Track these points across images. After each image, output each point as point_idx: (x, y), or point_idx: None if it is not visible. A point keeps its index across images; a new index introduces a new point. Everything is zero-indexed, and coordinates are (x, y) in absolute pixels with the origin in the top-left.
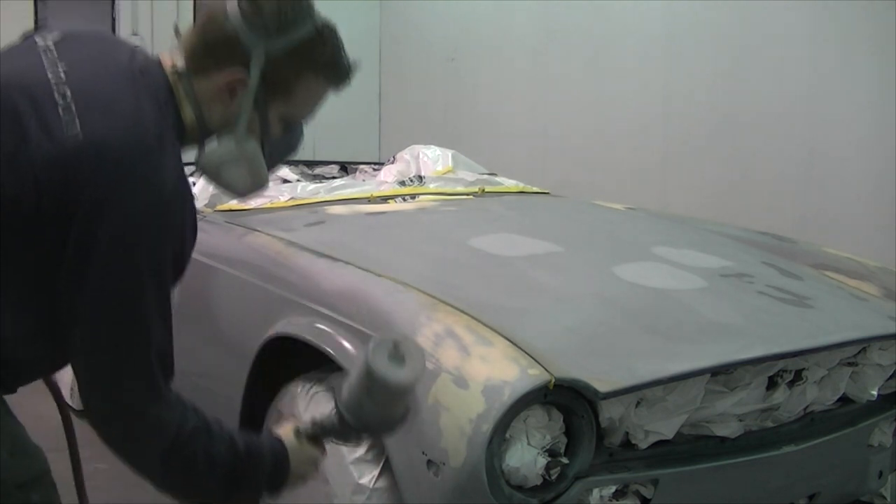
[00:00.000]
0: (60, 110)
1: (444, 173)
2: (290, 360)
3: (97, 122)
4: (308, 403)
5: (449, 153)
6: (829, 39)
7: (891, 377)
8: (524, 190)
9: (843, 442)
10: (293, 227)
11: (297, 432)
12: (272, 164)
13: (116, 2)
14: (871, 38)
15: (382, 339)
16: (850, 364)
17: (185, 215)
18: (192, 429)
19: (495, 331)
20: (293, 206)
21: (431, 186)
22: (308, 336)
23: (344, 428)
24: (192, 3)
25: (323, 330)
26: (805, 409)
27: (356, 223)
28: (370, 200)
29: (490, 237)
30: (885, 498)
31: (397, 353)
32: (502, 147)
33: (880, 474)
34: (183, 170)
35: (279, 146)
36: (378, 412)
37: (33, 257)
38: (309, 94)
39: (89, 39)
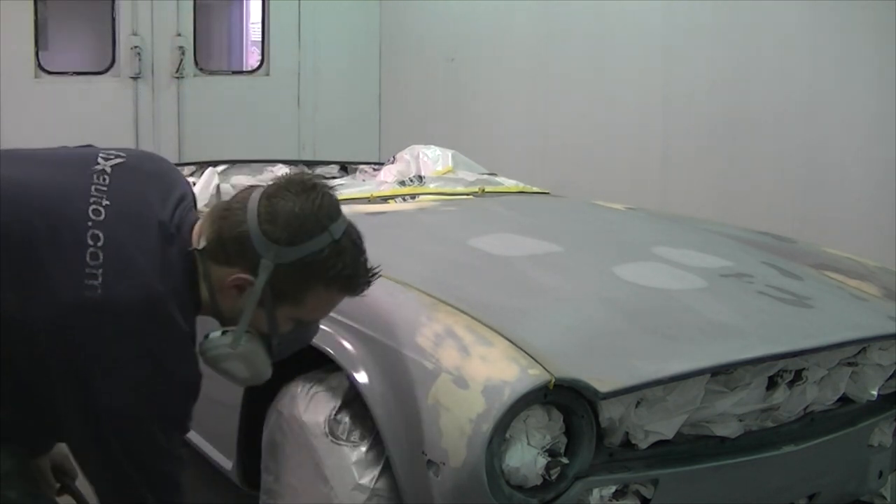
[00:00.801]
0: (88, 256)
1: (444, 173)
2: (290, 360)
3: (118, 281)
4: (308, 404)
5: (449, 153)
6: (829, 40)
7: (891, 377)
8: (524, 190)
9: (843, 442)
10: None
11: None
12: (282, 355)
13: (116, 2)
14: (871, 39)
15: None
16: (850, 364)
17: (188, 373)
18: None
19: (495, 331)
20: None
21: (431, 186)
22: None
23: None
24: (192, 3)
25: (323, 330)
26: (805, 409)
27: (356, 223)
28: (370, 200)
29: (490, 237)
30: (885, 498)
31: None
32: (502, 147)
33: (880, 474)
34: (189, 339)
35: (290, 340)
36: None
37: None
38: (319, 302)
39: (144, 174)
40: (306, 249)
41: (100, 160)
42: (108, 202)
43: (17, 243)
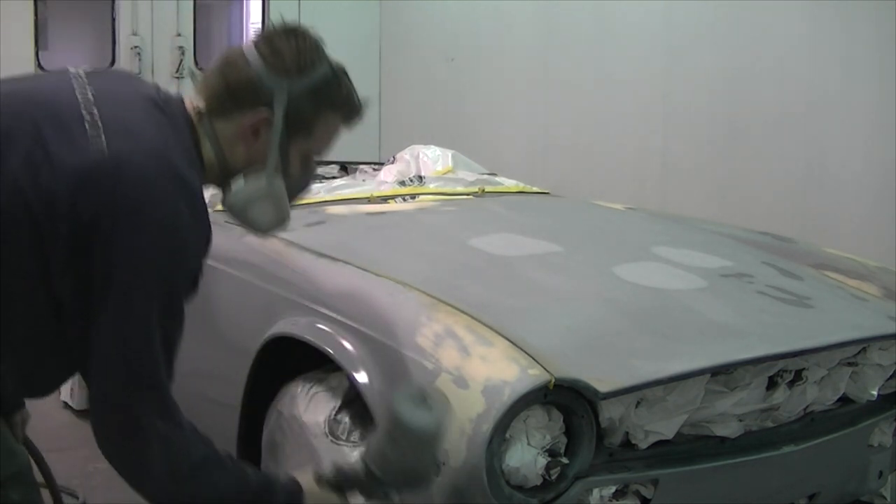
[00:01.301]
0: (87, 126)
1: (444, 173)
2: (290, 360)
3: (122, 141)
4: (308, 404)
5: (449, 153)
6: (830, 40)
7: (891, 377)
8: (524, 190)
9: (843, 442)
10: (293, 227)
11: (319, 478)
12: (290, 201)
13: (116, 2)
14: (871, 39)
15: (408, 385)
16: (850, 364)
17: (202, 235)
18: (201, 458)
19: (495, 331)
20: (293, 205)
21: (431, 186)
22: (308, 336)
23: (369, 479)
24: (192, 3)
25: (323, 330)
26: (805, 409)
27: (356, 223)
28: (370, 200)
29: (490, 237)
30: (885, 498)
31: (422, 400)
32: (502, 147)
33: (880, 474)
34: (202, 196)
35: (295, 183)
36: (403, 461)
37: (46, 277)
38: (327, 129)
39: (117, 74)
40: (314, 77)
41: (70, 69)
42: (91, 88)
43: (24, 131)
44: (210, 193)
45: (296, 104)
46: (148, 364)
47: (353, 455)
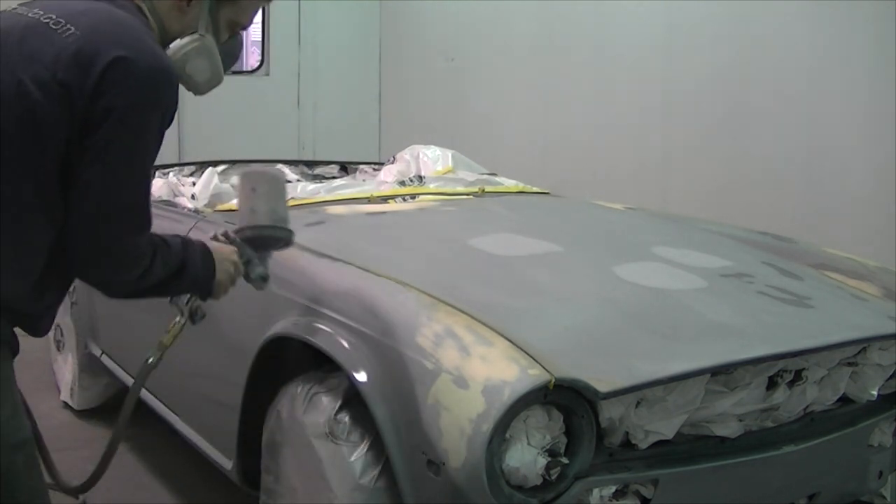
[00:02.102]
0: (52, 23)
1: (444, 173)
2: (290, 360)
3: (88, 23)
4: (308, 404)
5: (449, 153)
6: (829, 39)
7: (891, 377)
8: (524, 190)
9: (843, 442)
10: (293, 228)
11: (214, 237)
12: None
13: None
14: (871, 38)
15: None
16: (850, 364)
17: (175, 79)
18: (153, 245)
19: (495, 331)
20: (293, 206)
21: (431, 186)
22: (308, 336)
23: (244, 234)
24: None
25: (323, 330)
26: (805, 409)
27: (356, 223)
28: (370, 200)
29: (490, 237)
30: (885, 498)
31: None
32: (502, 147)
33: (880, 474)
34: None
35: (226, 52)
36: (264, 205)
37: (51, 163)
38: (251, 1)
39: None
40: None
41: (15, 7)
42: (37, 8)
43: (11, 57)
44: (209, 195)
45: None
46: (135, 192)
47: (352, 456)
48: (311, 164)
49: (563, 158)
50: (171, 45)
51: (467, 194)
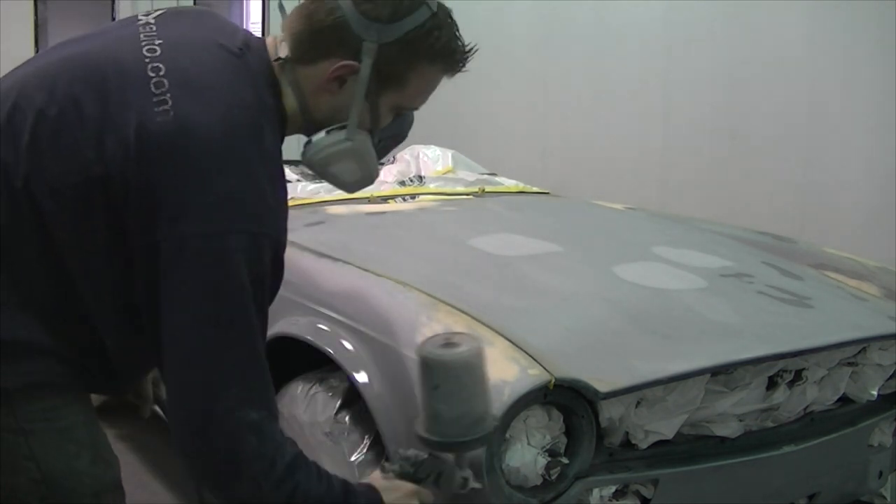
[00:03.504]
0: (153, 86)
1: (444, 173)
2: (290, 360)
3: (190, 102)
4: (308, 404)
5: (449, 153)
6: (829, 40)
7: (891, 377)
8: (524, 190)
9: (843, 442)
10: (293, 227)
11: (386, 473)
12: (381, 155)
13: (116, 2)
14: (871, 39)
15: (430, 338)
16: (850, 364)
17: (282, 199)
18: (291, 460)
19: (495, 331)
20: (293, 206)
21: (431, 186)
22: (308, 336)
23: (430, 448)
24: (191, 3)
25: (323, 330)
26: (805, 409)
27: (356, 223)
28: (370, 200)
29: (490, 237)
30: (885, 498)
31: (446, 342)
32: (502, 147)
33: (880, 474)
34: (280, 159)
35: (388, 135)
36: (452, 410)
37: (114, 254)
38: (423, 82)
39: (190, 15)
40: (409, 24)
41: (140, 17)
42: (160, 41)
43: (88, 98)
44: None
45: (386, 54)
46: (229, 354)
47: (352, 456)
48: None
49: (563, 158)
50: (314, 140)
51: (467, 194)
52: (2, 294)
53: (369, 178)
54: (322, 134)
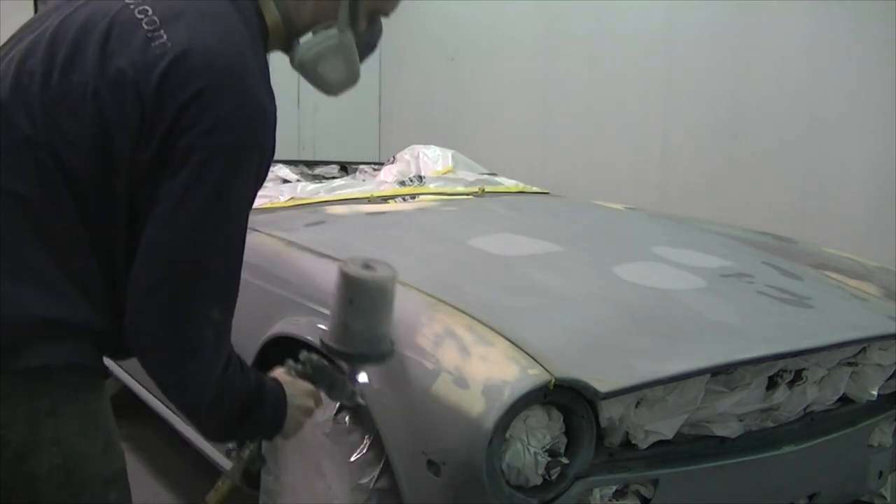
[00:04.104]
0: (144, 24)
1: (444, 173)
2: (289, 360)
3: (184, 32)
4: None
5: (449, 153)
6: (829, 39)
7: (891, 377)
8: (524, 190)
9: (843, 442)
10: (293, 227)
11: (289, 370)
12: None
13: None
14: (871, 39)
15: (350, 259)
16: (850, 364)
17: (273, 121)
18: (234, 359)
19: (495, 331)
20: (293, 206)
21: (431, 186)
22: (308, 336)
23: (331, 354)
24: None
25: (323, 330)
26: (805, 409)
27: (356, 223)
28: (370, 200)
29: (490, 237)
30: (885, 498)
31: (366, 265)
32: (502, 147)
33: (880, 474)
34: (269, 76)
35: (363, 41)
36: (362, 323)
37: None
38: None
39: None
40: None
41: None
42: None
43: (91, 50)
44: None
45: None
46: (220, 271)
47: (352, 456)
48: (311, 164)
49: (563, 158)
50: (302, 42)
51: (467, 194)
52: (45, 271)
53: (354, 77)
54: (309, 35)
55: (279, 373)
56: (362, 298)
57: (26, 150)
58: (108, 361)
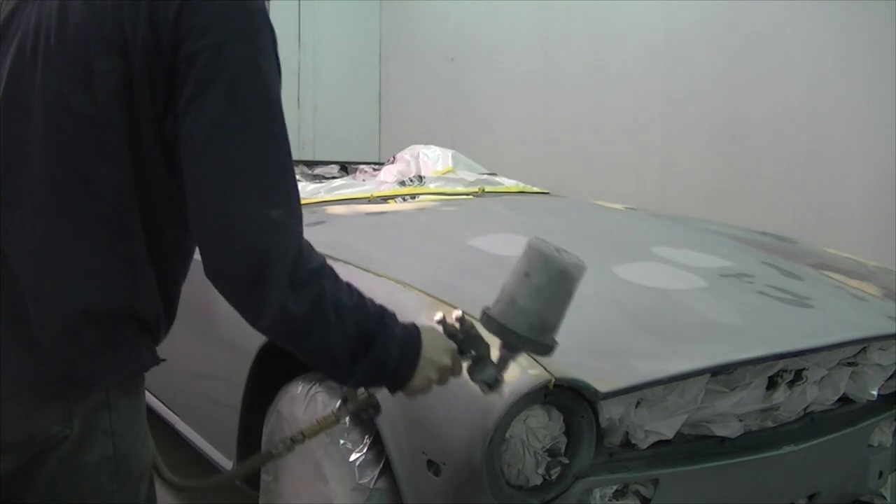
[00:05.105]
0: None
1: (444, 173)
2: (290, 360)
3: None
4: (308, 404)
5: (449, 153)
6: (829, 39)
7: (891, 377)
8: (524, 190)
9: (843, 442)
10: None
11: (442, 322)
12: None
13: None
14: (871, 38)
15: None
16: (850, 364)
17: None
18: (317, 266)
19: None
20: None
21: (431, 186)
22: None
23: (489, 326)
24: None
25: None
26: (805, 409)
27: (356, 223)
28: (370, 200)
29: (490, 237)
30: (885, 498)
31: (560, 251)
32: (502, 147)
33: (880, 474)
34: None
35: None
36: (531, 305)
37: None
38: None
39: None
40: None
41: None
42: None
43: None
44: None
45: None
46: (276, 168)
47: (352, 456)
48: (311, 164)
49: (563, 158)
50: None
51: (467, 194)
52: (114, 263)
53: None
54: None
55: (424, 320)
56: (541, 276)
57: (64, 116)
58: None
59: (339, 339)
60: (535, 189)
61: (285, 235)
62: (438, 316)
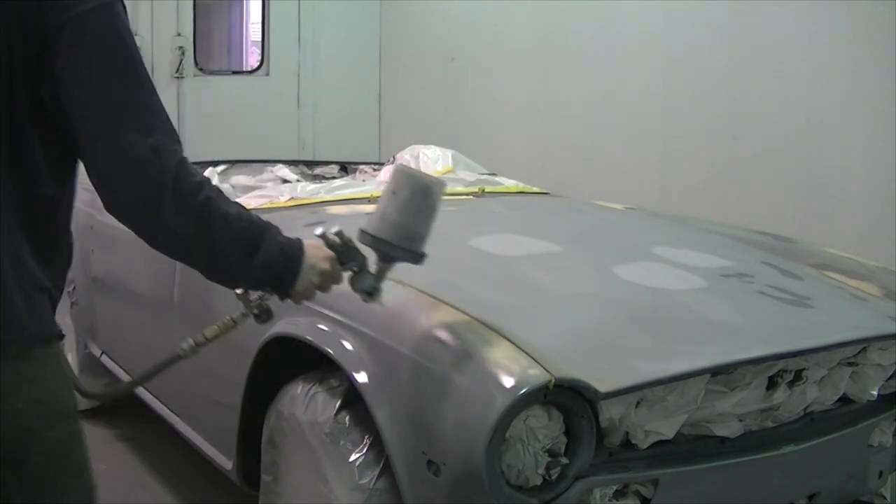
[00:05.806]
0: None
1: (444, 173)
2: (290, 360)
3: None
4: (308, 404)
5: (449, 153)
6: (829, 39)
7: (891, 377)
8: (524, 190)
9: (843, 442)
10: (293, 227)
11: (319, 235)
12: None
13: None
14: (871, 39)
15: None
16: (850, 364)
17: None
18: (204, 178)
19: (495, 331)
20: (293, 206)
21: None
22: (308, 336)
23: (365, 240)
24: (191, 2)
25: (323, 330)
26: (805, 409)
27: (356, 223)
28: (370, 200)
29: (490, 237)
30: (885, 498)
31: (422, 172)
32: (502, 147)
33: (880, 474)
34: None
35: None
36: (400, 218)
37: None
38: None
39: None
40: None
41: None
42: None
43: None
44: None
45: None
46: (147, 94)
47: (352, 456)
48: (311, 164)
49: (563, 158)
50: None
51: (467, 194)
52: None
53: None
54: None
55: (308, 239)
56: (406, 191)
57: None
58: (108, 362)
59: (226, 243)
60: (535, 189)
61: (166, 156)
62: (318, 231)
